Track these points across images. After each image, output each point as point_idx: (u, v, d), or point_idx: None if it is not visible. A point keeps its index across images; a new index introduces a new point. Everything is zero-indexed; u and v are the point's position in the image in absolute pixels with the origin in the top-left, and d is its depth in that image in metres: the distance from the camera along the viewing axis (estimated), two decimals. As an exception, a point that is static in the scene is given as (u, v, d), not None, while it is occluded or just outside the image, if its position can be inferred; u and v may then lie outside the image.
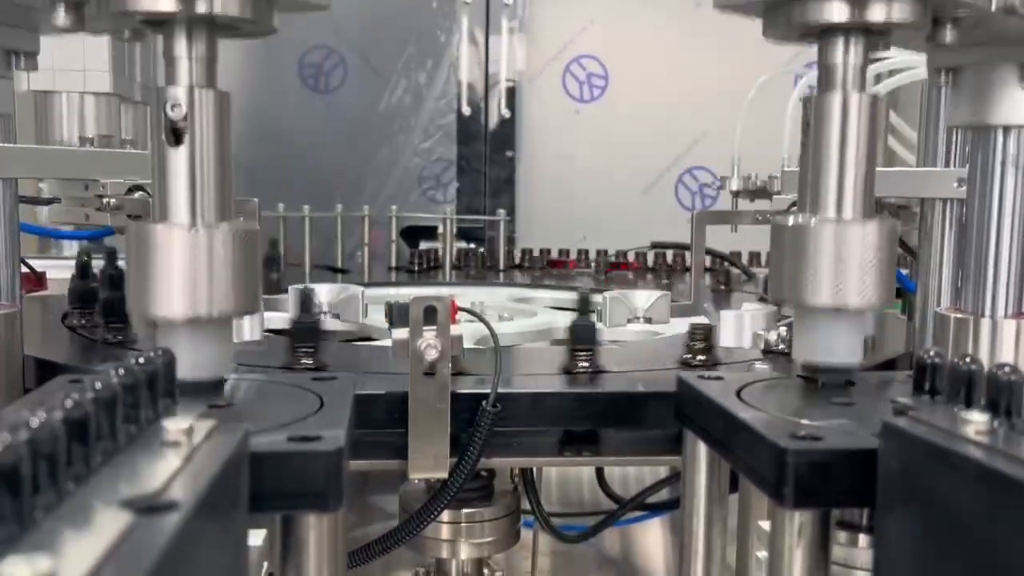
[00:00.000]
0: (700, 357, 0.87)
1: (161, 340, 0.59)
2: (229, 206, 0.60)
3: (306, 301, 0.88)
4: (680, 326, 0.98)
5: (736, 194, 1.66)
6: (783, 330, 0.92)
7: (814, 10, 0.61)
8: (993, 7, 0.64)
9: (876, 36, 0.63)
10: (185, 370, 0.54)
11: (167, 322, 0.58)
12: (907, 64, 1.37)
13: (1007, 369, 0.46)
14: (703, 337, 0.87)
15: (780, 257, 0.65)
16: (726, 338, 0.90)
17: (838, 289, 0.61)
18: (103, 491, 0.36)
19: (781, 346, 0.90)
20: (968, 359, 0.50)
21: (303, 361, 0.82)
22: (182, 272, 0.57)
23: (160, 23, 0.59)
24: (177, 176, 0.58)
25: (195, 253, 0.57)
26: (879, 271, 0.62)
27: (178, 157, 0.58)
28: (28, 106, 1.63)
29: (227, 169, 0.60)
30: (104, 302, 1.01)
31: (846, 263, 0.61)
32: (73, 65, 1.37)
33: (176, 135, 0.58)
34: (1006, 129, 0.78)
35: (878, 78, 1.48)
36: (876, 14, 0.60)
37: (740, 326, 0.90)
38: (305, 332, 0.84)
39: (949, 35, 0.65)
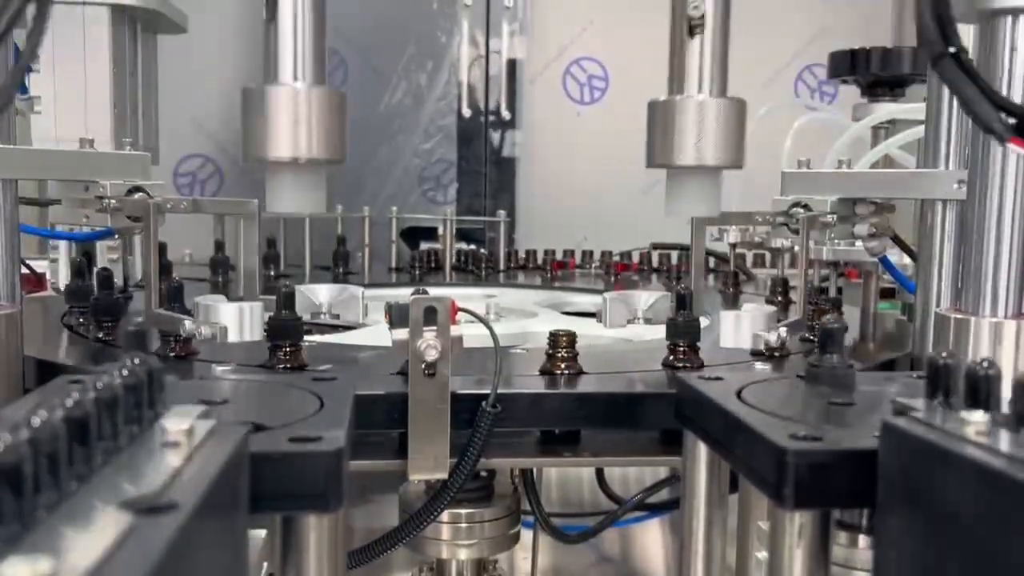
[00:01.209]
0: (682, 358, 0.87)
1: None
2: (323, 72, 0.75)
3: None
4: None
5: (734, 246, 1.65)
6: (783, 331, 0.92)
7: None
8: None
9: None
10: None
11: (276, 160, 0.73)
12: (909, 114, 1.39)
13: (984, 363, 0.46)
14: (685, 335, 0.88)
15: (654, 129, 0.79)
16: (726, 339, 0.90)
17: (699, 150, 0.75)
18: (103, 492, 0.36)
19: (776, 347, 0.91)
20: (968, 359, 0.50)
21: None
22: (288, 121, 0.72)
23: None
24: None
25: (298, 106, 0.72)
26: (729, 136, 0.76)
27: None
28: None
29: (322, 43, 0.76)
30: (95, 301, 1.01)
31: (704, 129, 0.75)
32: (76, 134, 1.38)
33: None
34: (1015, 14, 0.76)
35: (883, 133, 1.50)
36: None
37: (739, 326, 0.89)
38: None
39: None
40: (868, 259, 1.15)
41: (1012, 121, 0.61)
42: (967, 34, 0.75)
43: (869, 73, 1.61)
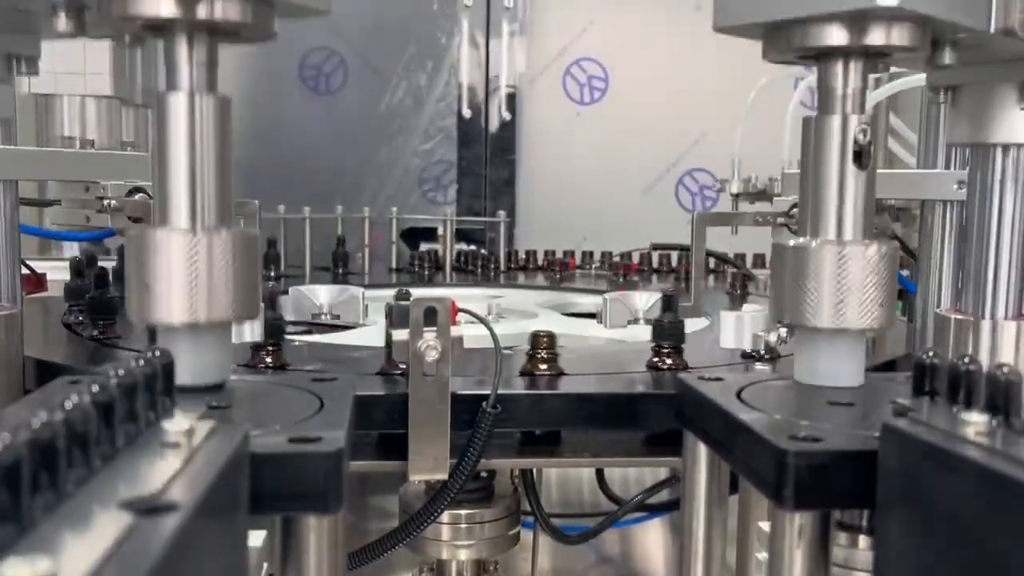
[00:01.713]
0: (668, 360, 0.86)
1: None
2: (229, 212, 0.60)
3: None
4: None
5: (736, 196, 1.66)
6: (783, 331, 0.92)
7: (813, 34, 0.61)
8: (992, 29, 0.63)
9: (875, 58, 0.63)
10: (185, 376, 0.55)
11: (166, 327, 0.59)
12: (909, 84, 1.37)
13: (1005, 369, 0.46)
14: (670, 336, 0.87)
15: (781, 278, 0.65)
16: (726, 339, 0.90)
17: (839, 310, 0.61)
18: (103, 492, 0.35)
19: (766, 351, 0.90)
20: (967, 360, 0.50)
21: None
22: (182, 277, 0.57)
23: (161, 28, 0.59)
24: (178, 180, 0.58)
25: (195, 258, 0.57)
26: (878, 292, 0.62)
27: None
28: (29, 109, 1.63)
29: (228, 174, 0.60)
30: (90, 300, 1.01)
31: (847, 284, 0.61)
32: (74, 68, 1.37)
33: None
34: (1005, 148, 0.78)
35: (877, 82, 1.48)
36: (876, 38, 0.60)
37: (740, 327, 0.89)
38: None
39: (948, 57, 0.65)
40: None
41: None
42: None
43: None
